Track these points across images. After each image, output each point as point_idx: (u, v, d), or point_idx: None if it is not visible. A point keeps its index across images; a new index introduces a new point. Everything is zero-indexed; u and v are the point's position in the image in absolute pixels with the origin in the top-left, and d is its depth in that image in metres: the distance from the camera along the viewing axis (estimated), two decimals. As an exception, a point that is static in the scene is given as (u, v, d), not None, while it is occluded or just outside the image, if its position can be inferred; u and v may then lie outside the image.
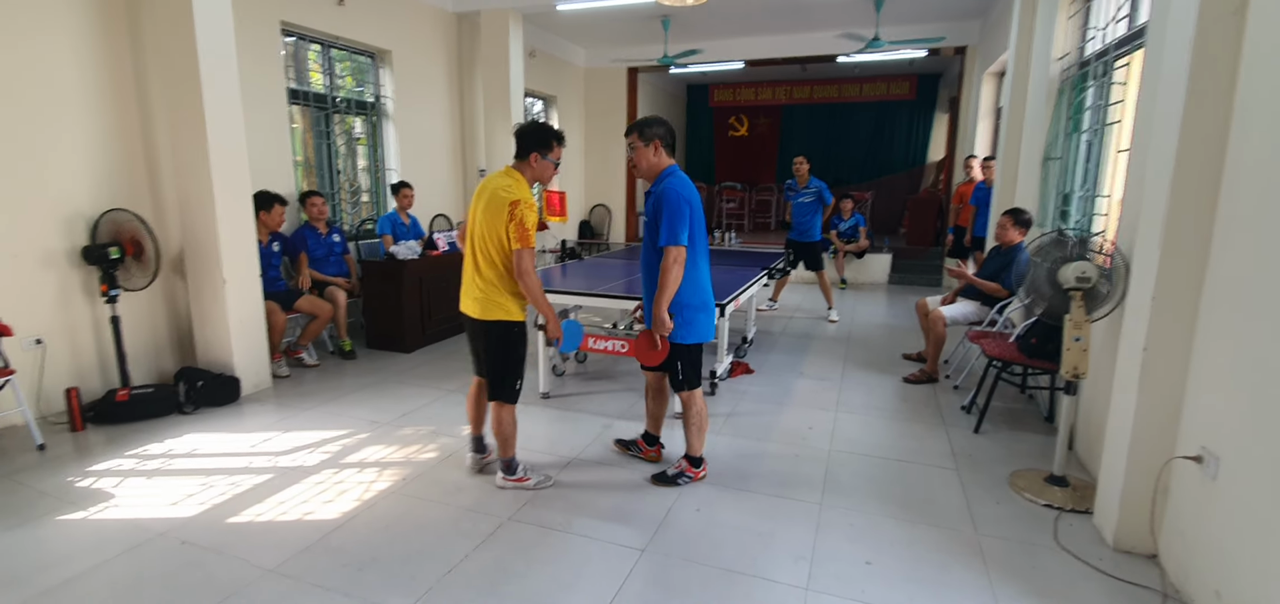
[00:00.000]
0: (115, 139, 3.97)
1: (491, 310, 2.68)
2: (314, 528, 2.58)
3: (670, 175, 2.74)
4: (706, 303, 2.85)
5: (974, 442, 3.46)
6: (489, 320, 2.70)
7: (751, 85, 13.23)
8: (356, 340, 5.33)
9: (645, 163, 2.77)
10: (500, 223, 2.59)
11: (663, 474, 3.02)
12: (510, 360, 2.77)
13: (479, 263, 2.68)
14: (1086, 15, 4.27)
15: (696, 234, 2.76)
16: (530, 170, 2.75)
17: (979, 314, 4.45)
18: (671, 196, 2.67)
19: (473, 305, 2.73)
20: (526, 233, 2.57)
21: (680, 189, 2.68)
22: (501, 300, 2.68)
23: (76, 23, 3.73)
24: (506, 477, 2.91)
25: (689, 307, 2.79)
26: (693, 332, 2.82)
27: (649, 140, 2.75)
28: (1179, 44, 2.21)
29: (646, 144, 2.75)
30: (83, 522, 2.62)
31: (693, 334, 2.83)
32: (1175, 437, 2.30)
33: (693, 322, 2.81)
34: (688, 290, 2.77)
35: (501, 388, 2.79)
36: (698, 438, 2.97)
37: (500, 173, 2.73)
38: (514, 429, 2.86)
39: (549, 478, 2.98)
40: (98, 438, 3.46)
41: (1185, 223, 2.19)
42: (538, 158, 2.74)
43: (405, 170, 6.52)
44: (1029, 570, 2.34)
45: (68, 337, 3.79)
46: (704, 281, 2.84)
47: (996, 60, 7.02)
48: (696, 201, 2.74)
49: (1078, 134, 4.17)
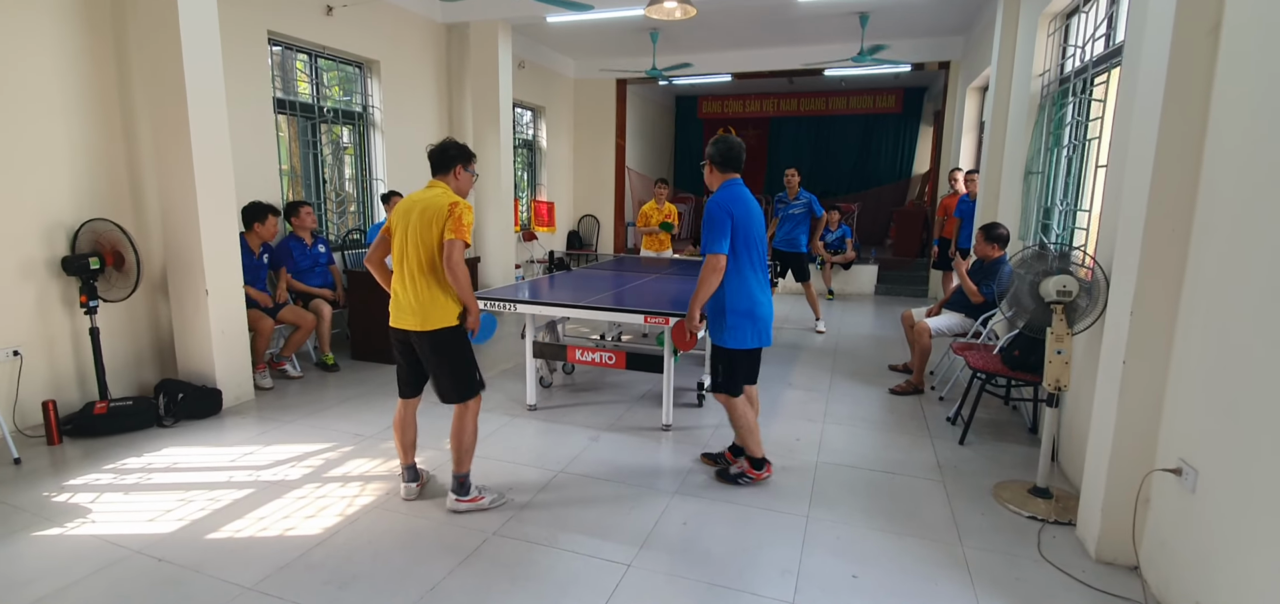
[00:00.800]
0: (97, 147, 3.92)
1: (434, 319, 2.65)
2: (295, 544, 2.54)
3: (722, 190, 2.91)
4: (753, 311, 2.89)
5: (959, 453, 3.48)
6: (433, 330, 2.66)
7: (739, 97, 13.33)
8: (341, 352, 5.28)
9: (707, 180, 3.03)
10: (435, 228, 2.60)
11: (726, 470, 3.15)
12: (463, 358, 2.74)
13: (413, 275, 2.65)
14: (1066, 33, 4.35)
15: (746, 244, 2.85)
16: (455, 182, 2.76)
17: (963, 326, 4.49)
18: (710, 208, 2.84)
19: (411, 319, 2.67)
20: (463, 228, 2.59)
21: (724, 202, 2.83)
22: (436, 309, 2.65)
23: (59, 30, 3.69)
24: (460, 499, 2.78)
25: (733, 312, 2.89)
26: (733, 337, 2.90)
27: (705, 160, 3.02)
28: (1155, 63, 2.26)
29: (707, 165, 3.01)
30: (58, 538, 2.57)
31: (732, 339, 2.90)
32: (1155, 449, 2.33)
33: (735, 327, 2.89)
34: (733, 296, 2.88)
35: (463, 387, 2.74)
36: (748, 440, 3.05)
37: (425, 188, 2.74)
38: (474, 440, 2.78)
39: (502, 497, 2.88)
40: (75, 452, 3.39)
41: (1162, 238, 2.23)
42: (461, 170, 2.76)
43: (393, 180, 6.49)
44: (1013, 582, 2.36)
45: (46, 348, 3.72)
46: (752, 289, 2.89)
47: (979, 75, 7.13)
48: (743, 213, 2.84)
49: (1058, 149, 4.23)
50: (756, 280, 2.91)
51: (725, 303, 2.89)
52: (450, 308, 2.69)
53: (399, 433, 2.92)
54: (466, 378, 2.75)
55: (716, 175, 2.97)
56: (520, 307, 3.87)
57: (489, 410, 4.08)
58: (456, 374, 2.74)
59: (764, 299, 2.94)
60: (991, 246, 4.35)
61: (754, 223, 2.88)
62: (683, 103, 14.13)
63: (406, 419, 2.92)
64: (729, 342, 2.92)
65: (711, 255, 2.78)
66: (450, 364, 2.72)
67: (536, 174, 9.92)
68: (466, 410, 2.76)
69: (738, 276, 2.87)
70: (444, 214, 2.60)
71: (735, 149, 2.97)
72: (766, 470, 3.10)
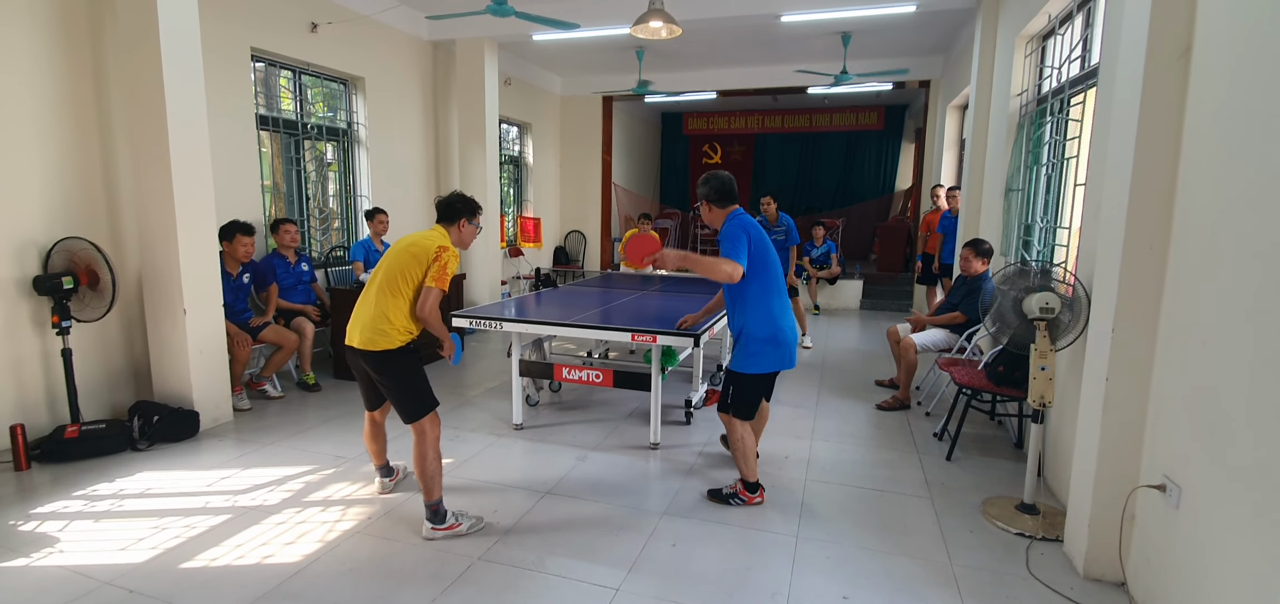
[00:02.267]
0: (73, 164, 3.84)
1: (376, 342, 2.67)
2: (273, 572, 2.47)
3: (731, 217, 2.92)
4: (776, 337, 2.84)
5: (947, 469, 3.49)
6: (371, 351, 2.68)
7: (725, 114, 13.46)
8: (323, 372, 5.19)
9: (705, 218, 3.03)
10: (419, 266, 2.67)
11: (718, 491, 3.10)
12: (409, 379, 2.73)
13: (374, 295, 2.70)
14: (1042, 54, 4.44)
15: (764, 266, 2.84)
16: (457, 233, 2.85)
17: (948, 341, 4.53)
18: (727, 226, 2.87)
19: (356, 336, 2.71)
20: (444, 277, 2.68)
21: (739, 220, 2.87)
22: (382, 332, 2.66)
23: (34, 43, 3.63)
24: (435, 527, 2.70)
25: (755, 339, 2.84)
26: (754, 363, 2.86)
27: (701, 200, 3.01)
28: (1129, 86, 2.30)
29: (701, 202, 3.01)
30: (24, 569, 2.47)
31: (754, 365, 2.86)
32: (1139, 465, 2.35)
33: (757, 354, 2.85)
34: (757, 322, 2.84)
35: (415, 407, 2.71)
36: (743, 463, 3.01)
37: (431, 229, 2.83)
38: (439, 464, 2.70)
39: (481, 521, 2.81)
40: (43, 478, 3.29)
41: (1140, 255, 2.26)
42: (465, 223, 2.86)
43: (377, 197, 6.43)
44: (1002, 601, 2.35)
45: (13, 370, 3.61)
46: (774, 313, 2.85)
47: (959, 94, 7.26)
48: (758, 236, 2.84)
49: (1037, 167, 4.30)
50: (779, 304, 2.88)
51: (748, 329, 2.86)
52: (395, 336, 2.68)
53: (368, 442, 3.10)
54: (414, 395, 2.72)
55: (717, 212, 2.96)
56: (506, 325, 3.83)
57: (474, 430, 4.02)
58: (403, 391, 2.73)
59: (786, 323, 2.88)
60: (979, 262, 4.40)
61: (769, 247, 2.87)
62: (668, 119, 14.24)
63: (374, 430, 3.07)
64: (750, 368, 2.86)
65: (730, 260, 2.73)
66: (396, 383, 2.73)
67: (523, 190, 9.91)
68: (424, 436, 2.70)
69: (761, 302, 2.84)
70: (431, 258, 2.68)
71: (727, 183, 2.96)
72: (759, 496, 3.06)
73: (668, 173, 14.70)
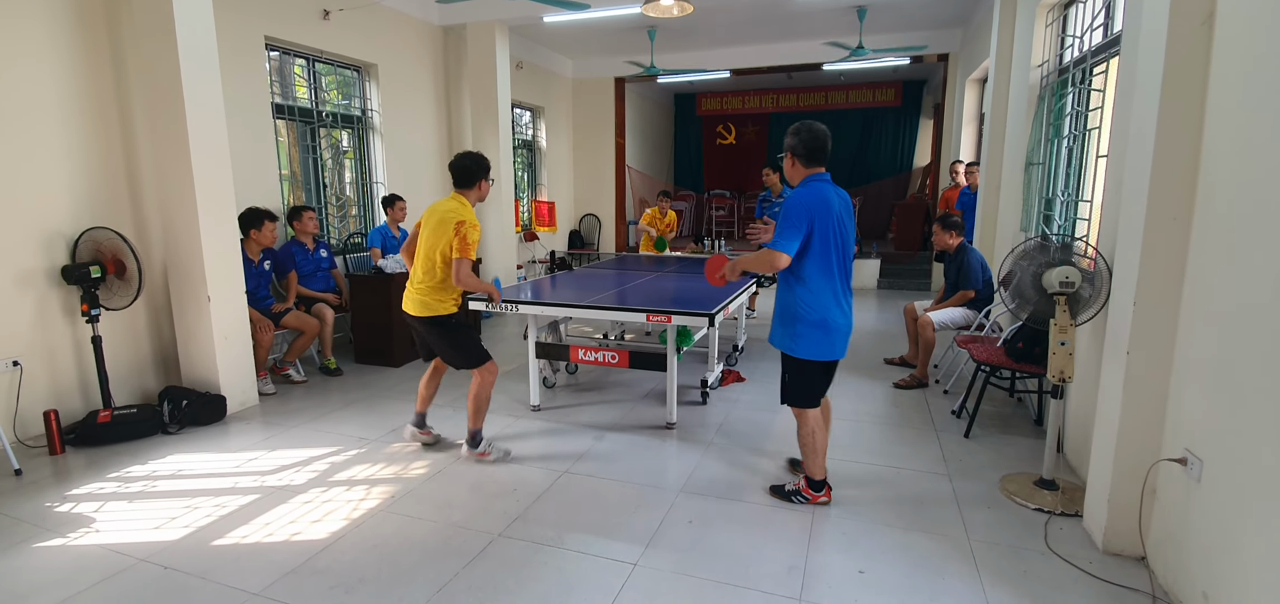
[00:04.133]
0: (96, 156, 3.92)
1: (428, 308, 3.16)
2: (301, 549, 2.54)
3: (804, 186, 2.65)
4: (824, 321, 2.62)
5: (965, 446, 3.47)
6: (426, 317, 3.17)
7: (738, 93, 13.32)
8: (344, 356, 5.28)
9: (787, 174, 2.76)
10: (445, 239, 3.07)
11: (781, 487, 2.97)
12: (459, 339, 3.22)
13: (420, 272, 3.16)
14: (1064, 23, 4.33)
15: (824, 249, 2.58)
16: (476, 193, 3.21)
17: (967, 319, 4.49)
18: (790, 203, 2.59)
19: (413, 306, 3.18)
20: (468, 246, 3.04)
21: (805, 200, 2.57)
22: (435, 301, 3.16)
23: (55, 39, 3.69)
24: (471, 450, 3.28)
25: (802, 321, 2.65)
26: (799, 345, 2.67)
27: (785, 152, 2.73)
28: (1151, 54, 2.25)
29: (786, 155, 2.72)
30: (61, 548, 2.57)
31: (802, 348, 2.66)
32: (1160, 439, 2.33)
33: (804, 336, 2.65)
34: (805, 305, 2.63)
35: (471, 361, 3.21)
36: (810, 459, 2.82)
37: (449, 198, 3.19)
38: (487, 403, 3.25)
39: (508, 453, 3.35)
40: (78, 461, 3.40)
41: (1164, 226, 2.22)
42: (484, 182, 3.23)
43: (393, 183, 6.48)
44: (1020, 575, 2.35)
45: (47, 358, 3.72)
46: (826, 300, 2.62)
47: (978, 67, 7.11)
48: (825, 215, 2.56)
49: (1058, 140, 4.22)
50: (832, 290, 2.62)
51: (796, 310, 2.66)
52: (447, 302, 3.18)
53: (424, 384, 3.45)
54: (470, 350, 3.22)
55: (799, 169, 2.66)
56: (522, 307, 3.86)
57: (492, 411, 4.07)
58: (458, 347, 3.22)
59: (839, 310, 2.65)
60: (948, 235, 4.49)
61: (838, 226, 2.59)
62: (681, 100, 14.12)
63: (433, 375, 3.46)
64: (799, 350, 2.68)
65: (773, 252, 2.54)
66: (451, 341, 3.22)
67: (536, 174, 9.92)
68: (482, 378, 3.20)
69: (811, 286, 2.61)
70: (451, 230, 3.04)
71: (820, 138, 2.63)
72: (826, 494, 2.85)
73: (681, 154, 14.62)
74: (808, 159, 2.66)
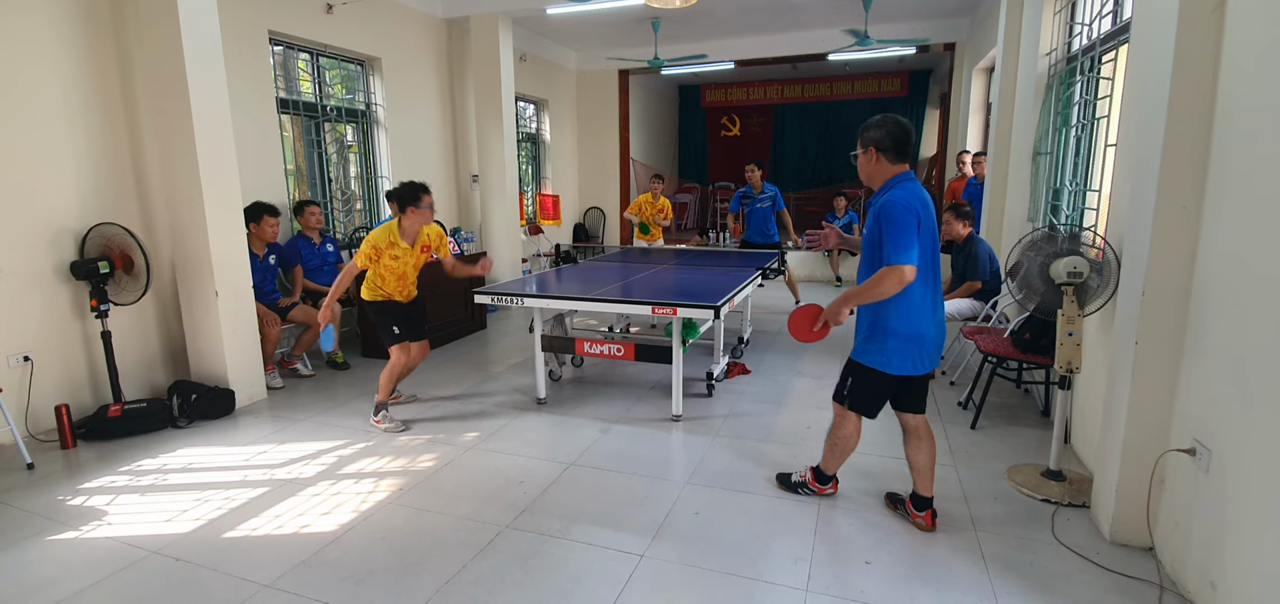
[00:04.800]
0: (102, 153, 3.94)
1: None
2: (311, 541, 2.56)
3: (901, 186, 2.33)
4: (920, 334, 2.36)
5: (971, 437, 3.47)
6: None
7: (743, 85, 13.26)
8: (351, 349, 5.30)
9: (865, 171, 2.46)
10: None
11: (787, 476, 2.93)
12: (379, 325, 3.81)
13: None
14: (1072, 10, 4.29)
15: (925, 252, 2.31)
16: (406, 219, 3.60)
17: (973, 310, 4.47)
18: (894, 207, 2.25)
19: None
20: (357, 254, 3.59)
21: (909, 200, 2.26)
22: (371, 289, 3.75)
23: (60, 37, 3.70)
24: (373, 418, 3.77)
25: (895, 335, 2.36)
26: (893, 361, 2.40)
27: (866, 147, 2.40)
28: (1162, 41, 2.23)
29: (865, 151, 2.41)
30: (74, 541, 2.60)
31: (893, 363, 2.40)
32: (1169, 429, 2.32)
33: (895, 353, 2.39)
34: (900, 315, 2.34)
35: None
36: (831, 455, 2.71)
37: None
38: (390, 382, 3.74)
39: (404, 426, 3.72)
40: (89, 455, 3.43)
41: (1173, 216, 2.20)
42: (413, 210, 3.57)
43: (397, 177, 6.48)
44: (1027, 566, 2.35)
45: (57, 353, 3.75)
46: (924, 309, 2.36)
47: (985, 56, 7.06)
48: (927, 213, 2.30)
49: (1067, 129, 4.19)
50: (927, 298, 2.36)
51: (890, 323, 2.36)
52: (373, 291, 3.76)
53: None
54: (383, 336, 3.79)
55: (885, 166, 2.36)
56: (528, 301, 3.87)
57: (499, 404, 4.09)
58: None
59: (932, 320, 2.39)
60: (960, 224, 4.51)
61: (933, 229, 2.34)
62: (686, 92, 14.07)
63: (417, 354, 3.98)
64: (892, 366, 2.40)
65: (898, 267, 2.21)
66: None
67: (541, 167, 9.91)
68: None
69: (912, 295, 2.32)
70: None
71: (908, 132, 2.35)
72: (832, 487, 2.83)
73: (685, 147, 14.58)
74: (896, 154, 2.35)
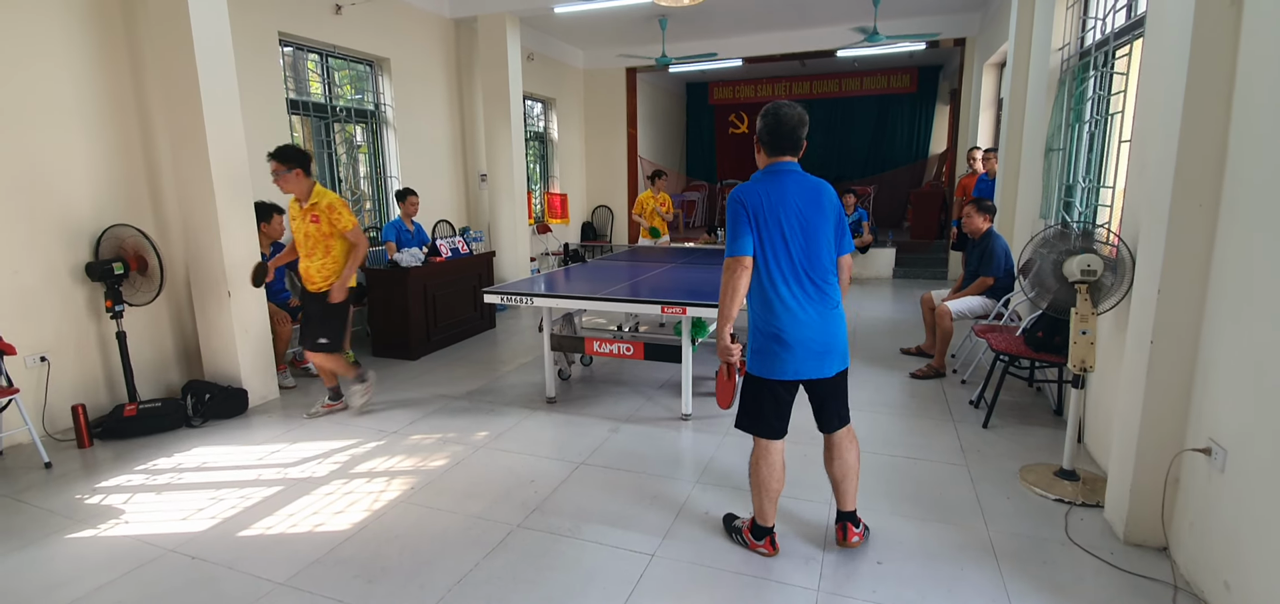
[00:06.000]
0: (116, 154, 3.98)
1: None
2: (325, 540, 2.58)
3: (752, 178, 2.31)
4: (779, 334, 2.22)
5: (983, 436, 3.45)
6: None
7: (751, 82, 13.21)
8: (362, 349, 5.34)
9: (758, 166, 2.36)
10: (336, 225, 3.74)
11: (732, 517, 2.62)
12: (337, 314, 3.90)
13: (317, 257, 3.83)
14: (1085, 4, 4.24)
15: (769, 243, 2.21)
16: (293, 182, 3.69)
17: (985, 308, 4.44)
18: (729, 202, 2.26)
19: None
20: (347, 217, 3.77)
21: (740, 192, 2.24)
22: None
23: (74, 41, 3.75)
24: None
25: (756, 333, 2.29)
26: (751, 360, 2.32)
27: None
28: (1178, 34, 2.20)
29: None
30: (91, 540, 2.63)
31: (751, 363, 2.32)
32: (1184, 429, 2.29)
33: (759, 350, 2.28)
34: (754, 313, 2.30)
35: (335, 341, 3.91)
36: (753, 494, 2.41)
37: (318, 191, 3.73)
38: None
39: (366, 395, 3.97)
40: (106, 454, 3.47)
41: (1189, 213, 2.18)
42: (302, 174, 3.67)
43: (407, 177, 6.52)
44: (1040, 566, 2.34)
45: (73, 353, 3.80)
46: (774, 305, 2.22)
47: (996, 51, 7.00)
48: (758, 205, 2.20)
49: (1079, 124, 4.15)
50: (786, 293, 2.21)
51: (751, 320, 2.32)
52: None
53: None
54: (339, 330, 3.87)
55: (762, 158, 2.32)
56: (537, 300, 3.88)
57: (508, 403, 4.11)
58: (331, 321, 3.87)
59: (796, 319, 2.21)
60: (982, 218, 4.50)
61: (787, 215, 2.19)
62: (693, 90, 14.04)
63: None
64: (756, 369, 2.30)
65: (726, 260, 2.23)
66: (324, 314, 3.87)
67: (549, 166, 9.93)
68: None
69: (758, 287, 2.26)
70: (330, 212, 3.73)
71: (783, 122, 2.23)
72: (766, 545, 2.41)
73: (693, 145, 14.55)
74: (768, 148, 2.28)
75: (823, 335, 2.26)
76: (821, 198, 2.26)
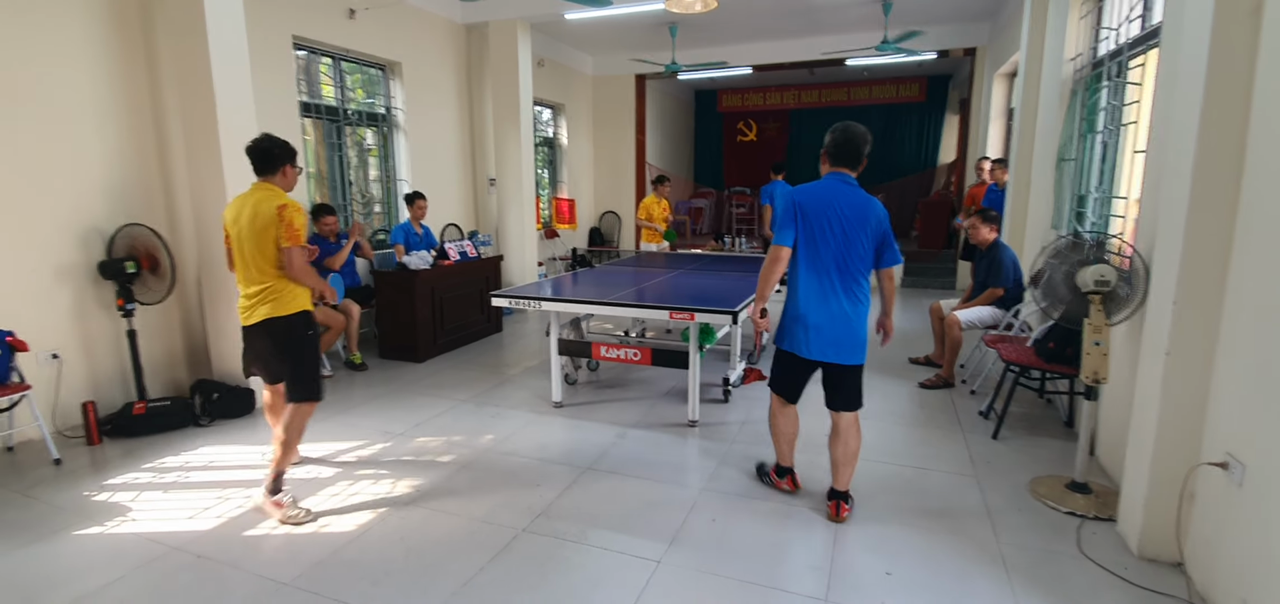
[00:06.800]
0: (131, 154, 4.02)
1: (287, 305, 2.72)
2: (329, 541, 2.58)
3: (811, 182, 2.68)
4: (798, 315, 2.63)
5: (993, 448, 3.41)
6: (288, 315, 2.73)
7: (759, 90, 13.22)
8: (369, 351, 5.35)
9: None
10: (269, 233, 2.64)
11: (762, 465, 3.12)
12: (308, 352, 2.80)
13: (252, 277, 2.71)
14: (1099, 15, 4.22)
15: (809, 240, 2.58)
16: (283, 180, 2.79)
17: (995, 318, 4.40)
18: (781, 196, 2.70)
19: (267, 310, 2.71)
20: (296, 232, 2.65)
21: (793, 190, 2.65)
22: (290, 294, 2.73)
23: (91, 41, 3.79)
24: (270, 497, 2.72)
25: (785, 314, 2.73)
26: (778, 335, 2.77)
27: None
28: (1195, 45, 2.18)
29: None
30: (99, 536, 2.64)
31: (779, 337, 2.76)
32: (1200, 442, 2.26)
33: (785, 329, 2.72)
34: (788, 298, 2.72)
35: (304, 387, 2.78)
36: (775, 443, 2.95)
37: (254, 188, 2.75)
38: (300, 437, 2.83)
39: (309, 512, 2.73)
40: (114, 451, 3.49)
41: (1206, 224, 2.15)
42: (290, 168, 2.80)
43: (416, 180, 6.55)
44: (1052, 580, 2.30)
45: (84, 351, 3.82)
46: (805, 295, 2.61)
47: (1007, 61, 6.97)
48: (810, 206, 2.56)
49: (1092, 135, 4.12)
50: (811, 285, 2.59)
51: (785, 303, 2.75)
52: (298, 296, 2.77)
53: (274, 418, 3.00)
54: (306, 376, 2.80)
55: (824, 167, 2.70)
56: (544, 304, 3.88)
57: (515, 407, 4.10)
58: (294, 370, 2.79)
59: (816, 307, 2.59)
60: (987, 229, 4.49)
61: (831, 219, 2.53)
62: (702, 97, 14.06)
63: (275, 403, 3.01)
64: (778, 341, 2.77)
65: (772, 246, 2.62)
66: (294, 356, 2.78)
67: (557, 171, 9.95)
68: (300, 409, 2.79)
69: (793, 275, 2.65)
70: (274, 220, 2.63)
71: (849, 139, 2.58)
72: (787, 482, 2.95)
73: (701, 152, 14.56)
74: (832, 158, 2.64)
75: (839, 327, 2.58)
76: (867, 212, 2.56)
